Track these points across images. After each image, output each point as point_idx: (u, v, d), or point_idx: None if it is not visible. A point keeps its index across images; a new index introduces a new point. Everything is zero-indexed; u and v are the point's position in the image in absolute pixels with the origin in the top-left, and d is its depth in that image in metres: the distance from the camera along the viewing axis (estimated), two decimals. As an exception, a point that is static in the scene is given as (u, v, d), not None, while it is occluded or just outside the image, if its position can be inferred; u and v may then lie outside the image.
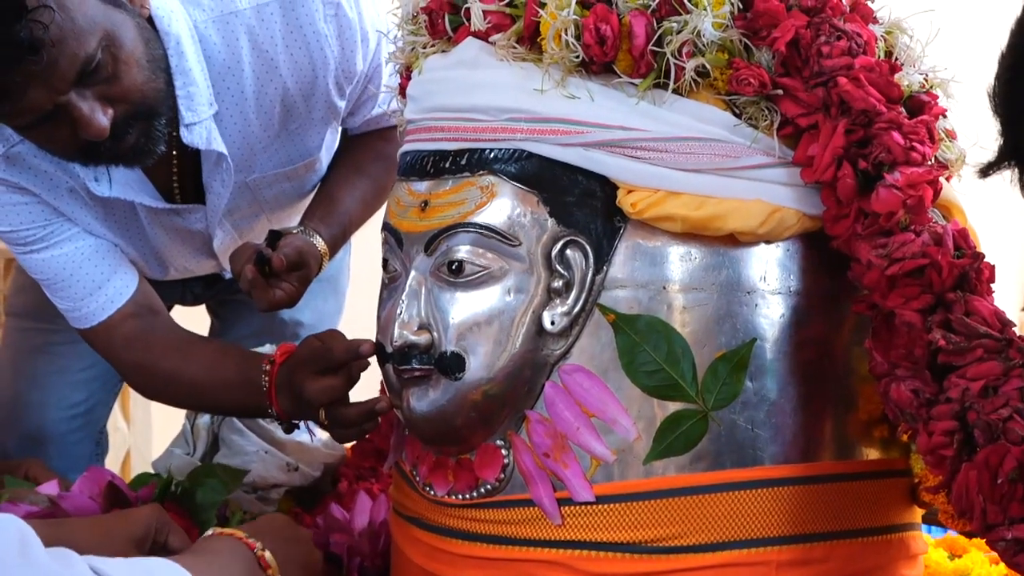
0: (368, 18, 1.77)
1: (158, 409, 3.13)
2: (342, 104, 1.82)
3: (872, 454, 1.35)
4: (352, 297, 2.35)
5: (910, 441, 1.35)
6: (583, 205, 1.28)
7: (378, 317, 1.40)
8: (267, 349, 1.97)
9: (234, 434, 1.88)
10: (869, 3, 1.35)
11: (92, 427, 2.17)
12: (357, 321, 1.77)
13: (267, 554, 1.27)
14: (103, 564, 1.06)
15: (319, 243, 1.78)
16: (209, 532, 1.30)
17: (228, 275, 2.04)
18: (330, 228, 1.82)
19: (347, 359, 1.50)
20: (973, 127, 1.44)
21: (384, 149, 1.92)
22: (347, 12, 1.73)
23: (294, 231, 1.78)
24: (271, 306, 1.72)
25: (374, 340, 1.40)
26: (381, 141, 1.93)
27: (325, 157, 1.91)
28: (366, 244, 2.04)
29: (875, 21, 1.34)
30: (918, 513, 1.42)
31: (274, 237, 1.74)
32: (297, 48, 1.72)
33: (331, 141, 1.90)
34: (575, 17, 1.26)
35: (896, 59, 1.33)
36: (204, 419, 1.93)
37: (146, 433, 3.29)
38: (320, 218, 1.84)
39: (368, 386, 1.57)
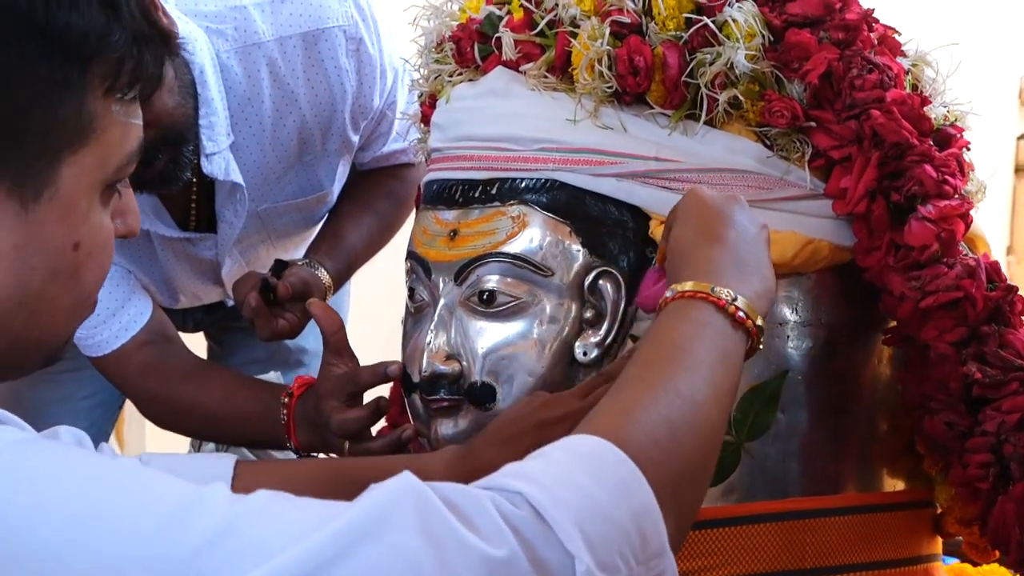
0: (387, 55, 1.78)
1: (152, 433, 3.10)
2: (356, 139, 1.82)
3: (899, 485, 1.36)
4: (352, 325, 2.34)
5: (938, 473, 1.35)
6: (615, 236, 1.28)
7: (403, 346, 1.39)
8: (272, 377, 1.96)
9: (240, 462, 1.87)
10: (896, 36, 1.36)
11: (92, 454, 2.15)
12: (357, 349, 1.76)
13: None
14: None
15: (324, 276, 1.78)
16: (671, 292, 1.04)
17: (231, 302, 2.03)
18: (335, 262, 1.82)
19: (374, 382, 1.49)
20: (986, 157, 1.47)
21: (393, 187, 1.93)
22: (368, 48, 1.74)
23: (299, 263, 1.77)
24: (273, 335, 1.71)
25: (402, 378, 1.39)
26: (390, 179, 1.93)
27: (336, 190, 1.91)
28: (365, 274, 2.04)
29: (902, 54, 1.34)
30: (940, 544, 1.43)
31: (280, 267, 1.73)
32: (318, 81, 1.72)
33: (342, 174, 1.90)
34: (608, 48, 1.26)
35: (921, 92, 1.34)
36: (209, 446, 1.91)
37: (140, 458, 3.26)
38: (326, 252, 1.83)
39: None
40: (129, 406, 2.25)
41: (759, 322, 1.03)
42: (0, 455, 0.80)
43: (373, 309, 2.56)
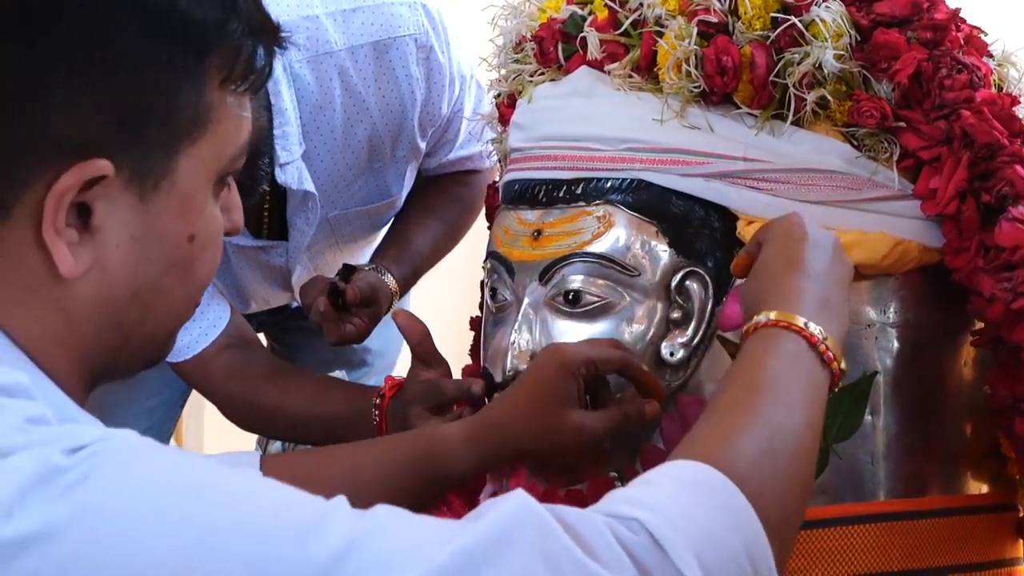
0: (456, 63, 1.79)
1: (211, 433, 3.11)
2: (424, 145, 1.83)
3: (982, 488, 1.35)
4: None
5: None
6: (701, 236, 1.27)
7: (484, 347, 1.39)
8: (338, 375, 1.96)
9: (307, 462, 1.87)
10: (982, 36, 1.35)
11: (155, 454, 2.15)
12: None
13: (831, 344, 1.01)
14: None
15: (390, 281, 1.78)
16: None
17: (295, 304, 2.03)
18: (401, 268, 1.82)
19: (458, 397, 1.48)
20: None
21: (459, 193, 1.93)
22: (438, 56, 1.75)
23: (366, 268, 1.78)
24: (341, 340, 1.71)
25: (483, 379, 1.38)
26: (456, 185, 1.94)
27: (403, 195, 1.92)
28: (425, 279, 2.04)
29: (989, 55, 1.34)
30: (1022, 548, 1.42)
31: (347, 271, 1.74)
32: (388, 90, 1.73)
33: (409, 180, 1.91)
34: (695, 47, 1.26)
35: (1008, 92, 1.33)
36: (276, 446, 1.92)
37: (198, 456, 3.27)
38: (392, 257, 1.84)
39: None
40: (188, 406, 2.26)
41: (842, 365, 1.02)
42: (120, 459, 0.77)
43: (434, 313, 2.56)
